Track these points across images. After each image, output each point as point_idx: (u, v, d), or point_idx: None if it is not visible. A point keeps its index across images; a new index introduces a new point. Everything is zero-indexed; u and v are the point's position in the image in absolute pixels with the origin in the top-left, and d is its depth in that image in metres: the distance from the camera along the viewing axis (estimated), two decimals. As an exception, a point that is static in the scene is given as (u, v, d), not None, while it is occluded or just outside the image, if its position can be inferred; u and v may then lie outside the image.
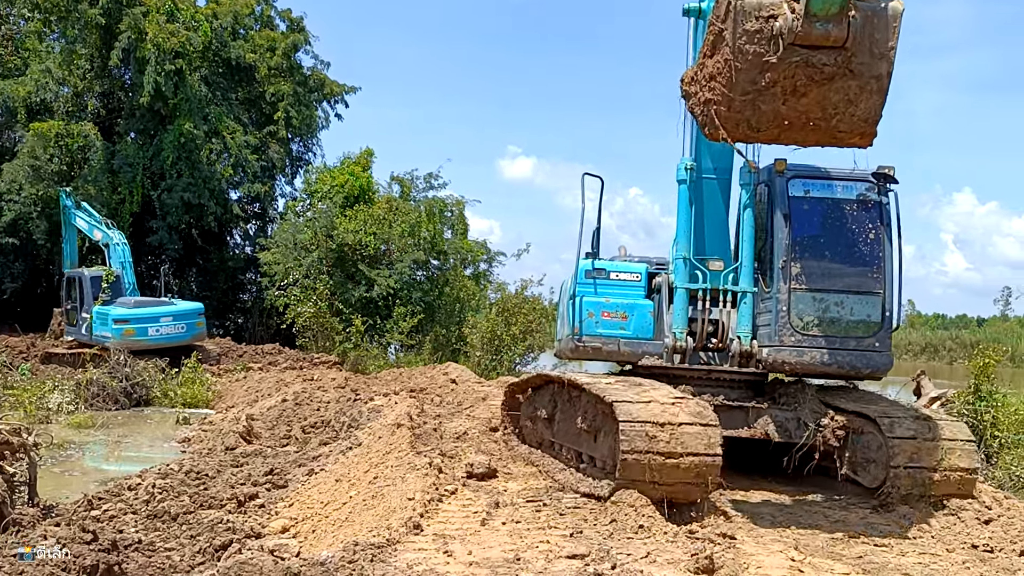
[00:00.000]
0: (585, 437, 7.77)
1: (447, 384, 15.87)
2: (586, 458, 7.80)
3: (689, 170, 8.65)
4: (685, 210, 8.66)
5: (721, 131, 6.15)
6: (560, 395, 8.65)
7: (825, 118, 6.00)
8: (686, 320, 8.57)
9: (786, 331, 8.02)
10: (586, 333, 8.89)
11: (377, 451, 8.80)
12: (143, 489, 9.15)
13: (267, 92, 30.28)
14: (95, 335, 20.96)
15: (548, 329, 23.35)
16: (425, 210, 26.49)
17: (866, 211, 8.24)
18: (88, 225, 23.90)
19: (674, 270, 8.81)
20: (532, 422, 9.40)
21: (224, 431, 12.94)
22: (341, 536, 7.13)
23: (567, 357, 10.25)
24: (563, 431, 8.48)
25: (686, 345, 8.50)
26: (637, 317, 8.92)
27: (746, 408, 8.17)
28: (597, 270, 9.11)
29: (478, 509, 6.94)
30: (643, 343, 8.82)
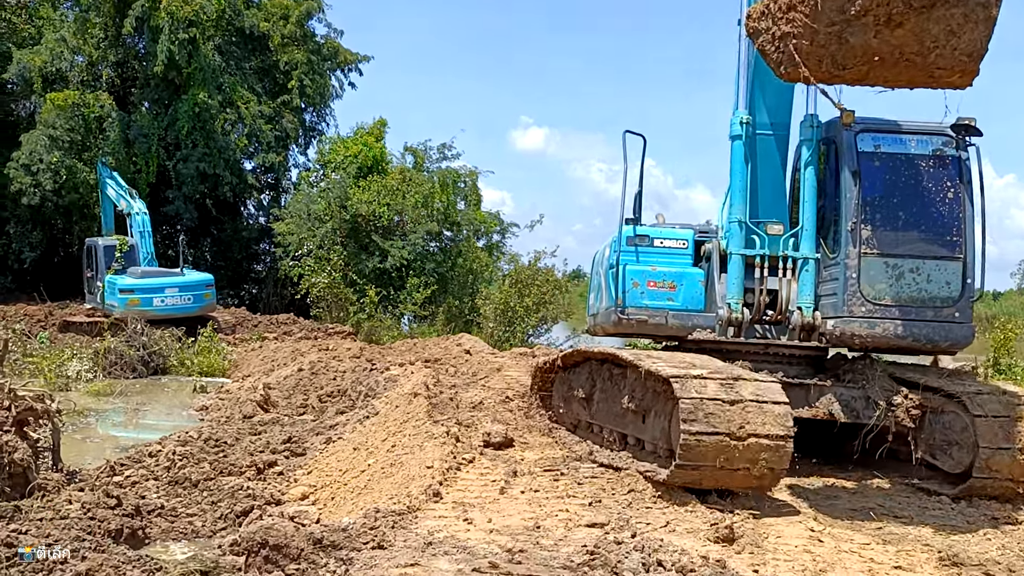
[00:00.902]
0: (632, 418, 7.31)
1: (461, 355, 15.92)
2: (632, 440, 7.39)
3: (745, 124, 7.85)
4: (740, 169, 7.86)
5: (801, 69, 5.50)
6: (600, 372, 8.17)
7: (922, 53, 5.31)
8: (742, 289, 7.81)
9: (855, 301, 7.33)
10: (630, 305, 8.16)
11: (394, 420, 8.86)
12: (164, 456, 9.26)
13: (280, 61, 30.18)
14: (106, 303, 21.19)
15: (562, 300, 23.38)
16: (439, 181, 26.43)
17: (944, 168, 7.53)
18: (116, 195, 24.14)
19: (727, 235, 8.04)
20: (566, 402, 9.00)
21: (241, 400, 13.03)
22: (360, 503, 7.21)
23: (608, 332, 9.32)
24: (604, 412, 8.00)
25: (742, 317, 7.76)
26: (686, 287, 8.22)
27: (807, 386, 7.45)
28: (640, 236, 8.37)
29: (496, 478, 7.00)
30: (693, 315, 8.13)
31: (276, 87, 30.78)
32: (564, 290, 23.64)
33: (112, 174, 24.63)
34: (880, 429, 7.16)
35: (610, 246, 8.69)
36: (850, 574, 4.82)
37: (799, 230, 7.82)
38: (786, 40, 5.48)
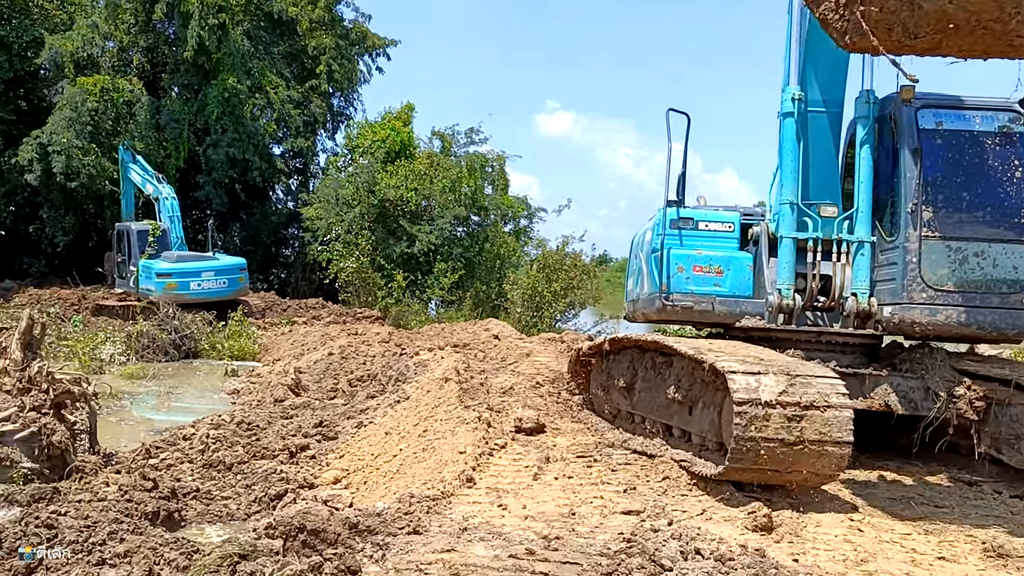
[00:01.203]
0: (677, 409, 7.05)
1: (490, 340, 15.92)
2: (678, 432, 7.13)
3: (797, 101, 7.52)
4: (792, 148, 7.54)
5: (870, 39, 5.10)
6: (642, 361, 7.89)
7: (1001, 19, 4.91)
8: (793, 274, 7.48)
9: (915, 287, 6.94)
10: (675, 290, 7.82)
11: (426, 405, 8.86)
12: (198, 439, 9.33)
13: (309, 46, 30.23)
14: (141, 288, 21.36)
15: (590, 286, 23.30)
16: (466, 165, 26.39)
17: (1011, 145, 7.12)
18: (141, 179, 24.24)
19: (777, 217, 7.70)
20: (605, 391, 8.79)
21: (272, 384, 13.13)
22: (393, 488, 7.23)
23: (650, 319, 8.95)
24: (646, 402, 7.77)
25: (793, 304, 7.40)
26: (734, 271, 7.89)
27: (862, 376, 7.06)
28: (684, 219, 8.03)
29: (529, 464, 6.98)
30: (741, 301, 7.81)
31: (304, 72, 30.84)
32: (592, 275, 23.55)
33: (137, 158, 24.73)
34: (940, 422, 6.81)
35: (652, 229, 8.36)
36: (892, 564, 4.75)
37: (854, 212, 7.46)
38: (852, 7, 5.11)
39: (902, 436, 7.50)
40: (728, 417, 5.81)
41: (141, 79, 27.94)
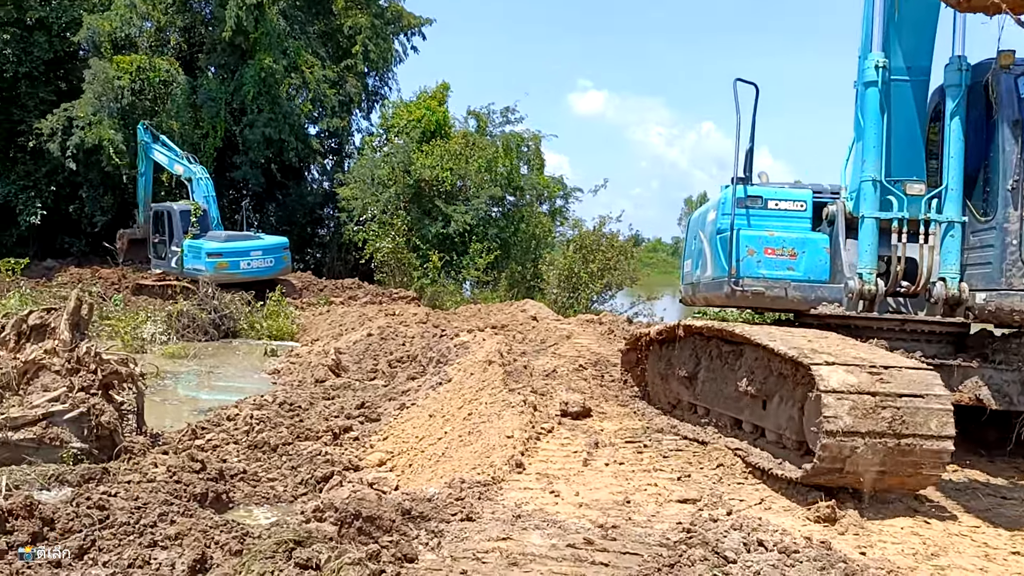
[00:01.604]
0: (748, 403, 6.62)
1: (528, 321, 15.82)
2: (749, 427, 6.71)
3: (880, 69, 6.89)
4: (875, 120, 6.91)
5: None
6: (705, 349, 7.47)
7: None
8: (876, 258, 6.90)
9: (1016, 271, 6.35)
10: (746, 275, 7.22)
11: (469, 387, 8.78)
12: (242, 419, 9.35)
13: (344, 25, 30.13)
14: (186, 268, 21.44)
15: (627, 267, 23.08)
16: (502, 145, 26.19)
17: None
18: (168, 159, 24.15)
19: (857, 195, 7.13)
20: (663, 380, 8.41)
21: (313, 364, 13.14)
22: (439, 471, 7.16)
23: (713, 304, 8.57)
24: (711, 393, 7.34)
25: (875, 289, 6.84)
26: (809, 254, 7.31)
27: (949, 367, 6.47)
28: (751, 198, 7.44)
29: (577, 448, 6.87)
30: (817, 286, 7.23)
31: (340, 51, 30.76)
32: (629, 256, 23.31)
33: (161, 138, 24.59)
34: None
35: (716, 208, 7.81)
36: (965, 559, 4.58)
37: (942, 190, 6.87)
38: None
39: (989, 432, 7.00)
40: (813, 414, 5.41)
41: (178, 59, 28.01)
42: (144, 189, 25.32)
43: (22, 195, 27.15)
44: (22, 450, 7.02)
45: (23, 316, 7.50)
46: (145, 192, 25.28)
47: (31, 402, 7.17)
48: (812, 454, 5.44)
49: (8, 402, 7.17)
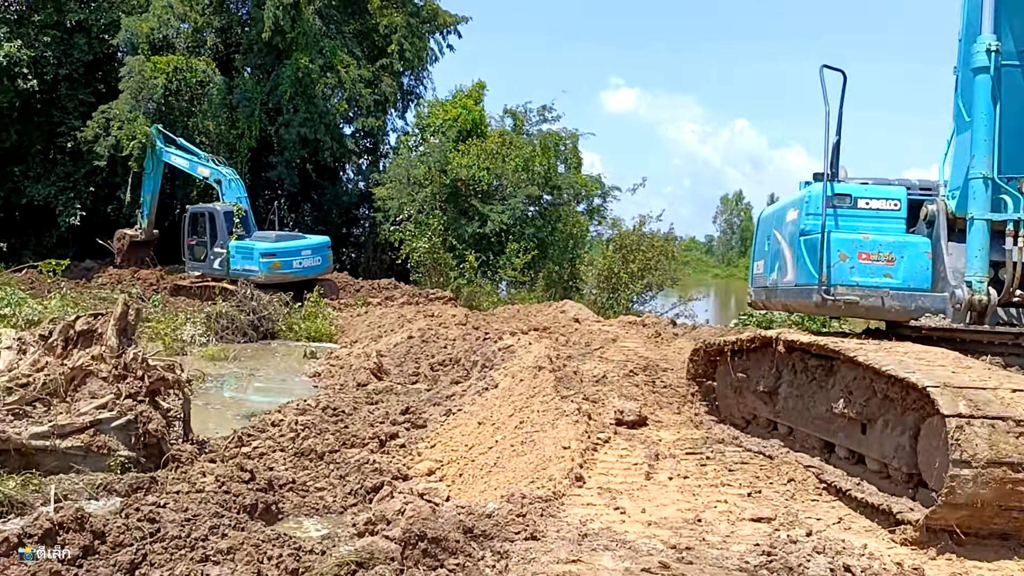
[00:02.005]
0: (843, 425, 6.01)
1: (570, 323, 15.58)
2: (845, 453, 6.09)
3: (992, 53, 6.21)
4: (987, 111, 6.25)
5: None
6: (787, 362, 6.93)
7: None
8: (987, 264, 6.22)
9: None
10: (839, 282, 6.46)
11: (519, 394, 8.56)
12: (286, 425, 9.20)
13: (379, 24, 30.04)
14: (233, 269, 21.22)
15: (668, 267, 22.73)
16: (539, 144, 25.94)
17: None
18: (189, 163, 23.64)
19: (963, 194, 6.48)
20: (736, 393, 7.86)
21: (355, 367, 12.99)
22: (492, 482, 6.95)
23: (791, 309, 7.86)
24: (796, 411, 6.73)
25: (987, 299, 6.14)
26: (908, 259, 6.55)
27: None
28: (840, 196, 6.71)
29: (637, 461, 6.63)
30: (918, 295, 6.49)
31: (375, 51, 30.67)
32: (670, 256, 22.95)
33: (179, 141, 24.12)
34: None
35: (797, 207, 7.13)
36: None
37: None
38: None
39: None
40: (933, 443, 4.86)
41: (214, 60, 28.09)
42: (151, 191, 24.70)
43: (62, 196, 27.41)
44: (70, 458, 6.92)
45: (70, 322, 7.40)
46: (152, 194, 24.71)
47: (79, 409, 7.06)
48: (926, 487, 4.97)
49: (56, 409, 7.07)
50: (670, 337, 13.19)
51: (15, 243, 27.74)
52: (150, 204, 24.98)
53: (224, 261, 21.45)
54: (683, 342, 12.78)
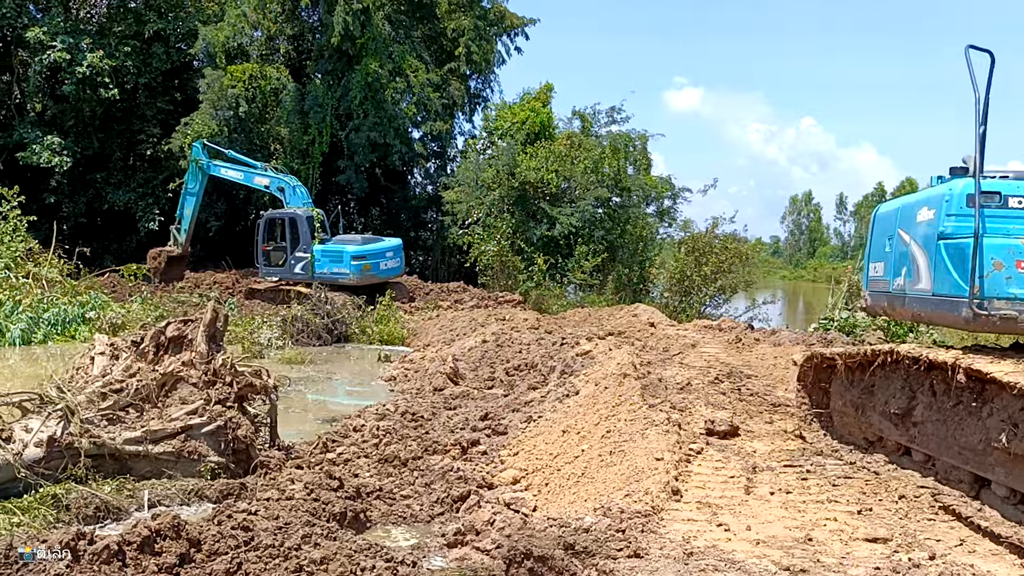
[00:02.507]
0: (1001, 460, 5.22)
1: (645, 328, 15.31)
2: (1004, 492, 5.27)
3: None
4: None
5: None
6: (923, 381, 6.20)
7: None
8: None
9: None
10: (995, 295, 5.58)
11: (604, 402, 8.37)
12: (368, 431, 9.18)
13: (447, 28, 30.14)
14: (318, 273, 21.33)
15: (742, 270, 22.26)
16: (609, 145, 25.67)
17: None
18: (244, 175, 23.40)
19: None
20: (859, 411, 7.11)
21: (430, 372, 12.96)
22: (581, 493, 6.79)
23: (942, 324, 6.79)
24: (937, 438, 5.97)
25: None
26: None
27: None
28: (987, 194, 5.78)
29: (734, 474, 6.39)
30: None
31: (443, 55, 30.79)
32: (745, 258, 22.45)
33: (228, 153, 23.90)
34: None
35: (934, 206, 6.21)
36: None
37: None
38: None
39: None
40: None
41: (286, 67, 28.54)
42: (193, 207, 24.16)
43: (141, 202, 28.15)
44: (162, 463, 6.98)
45: (162, 328, 7.48)
46: (193, 211, 24.20)
47: (170, 415, 7.13)
48: None
49: (148, 414, 7.14)
50: (751, 342, 12.83)
51: (97, 248, 28.59)
52: (190, 221, 24.45)
53: (308, 265, 21.53)
54: (764, 348, 12.43)
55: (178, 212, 24.62)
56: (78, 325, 16.91)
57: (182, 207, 24.45)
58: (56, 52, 25.44)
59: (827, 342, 13.13)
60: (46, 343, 16.11)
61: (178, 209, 24.64)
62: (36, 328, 16.24)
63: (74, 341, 16.43)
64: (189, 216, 24.31)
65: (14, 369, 14.44)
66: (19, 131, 26.79)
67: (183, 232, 24.51)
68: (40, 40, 25.53)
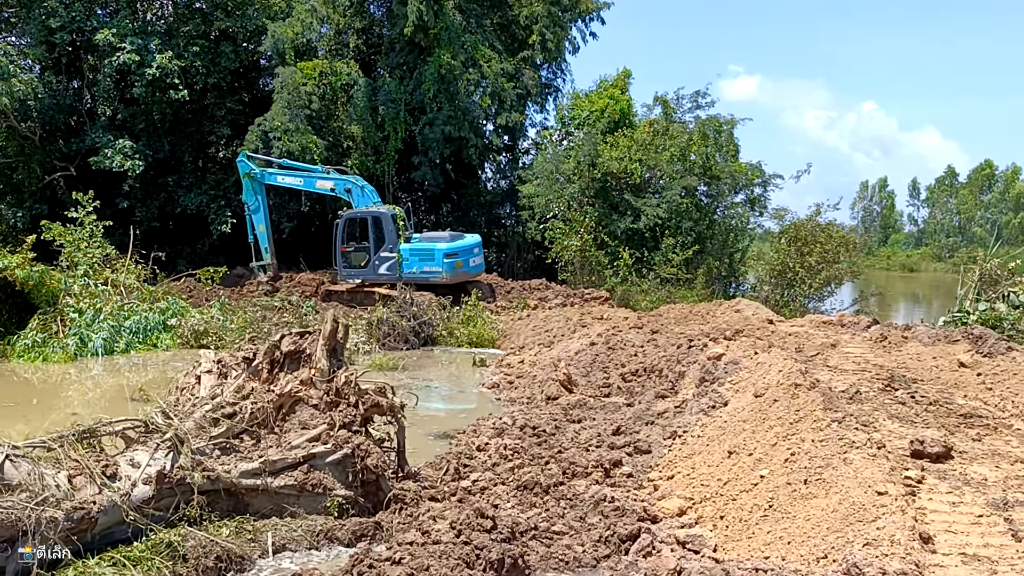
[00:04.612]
0: None
1: (764, 325, 14.02)
2: None
3: None
4: None
5: None
6: None
7: None
8: None
9: None
10: None
11: (778, 418, 7.20)
12: (494, 450, 8.19)
13: (520, 15, 29.01)
14: (406, 272, 20.48)
15: (848, 260, 20.73)
16: (697, 131, 24.32)
17: None
18: (303, 180, 22.56)
19: None
20: None
21: (540, 379, 11.93)
22: (776, 531, 5.66)
23: None
24: None
25: None
26: None
27: None
28: None
29: (981, 512, 5.19)
30: None
31: (515, 43, 29.68)
32: (851, 247, 20.90)
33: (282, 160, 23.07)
34: None
35: None
36: None
37: None
38: None
39: None
40: None
41: (356, 62, 27.76)
42: (264, 222, 23.14)
43: (213, 205, 27.64)
44: (282, 498, 6.05)
45: (276, 342, 6.55)
46: (266, 225, 23.19)
47: (290, 442, 6.19)
48: None
49: (265, 441, 6.22)
50: (898, 340, 11.48)
51: (170, 252, 28.18)
52: (267, 236, 23.39)
53: (395, 265, 20.60)
54: (915, 347, 11.08)
55: (250, 236, 23.58)
56: (159, 333, 16.29)
57: (252, 228, 23.47)
58: (125, 54, 25.02)
59: (976, 338, 11.73)
60: (128, 352, 15.50)
61: (248, 233, 23.66)
62: (118, 337, 15.63)
63: (156, 350, 15.80)
64: (265, 233, 23.33)
65: (97, 380, 13.83)
66: (91, 136, 26.48)
67: (265, 252, 23.47)
68: (109, 42, 25.14)
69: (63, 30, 25.67)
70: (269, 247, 23.67)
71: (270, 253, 23.70)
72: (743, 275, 24.75)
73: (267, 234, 23.50)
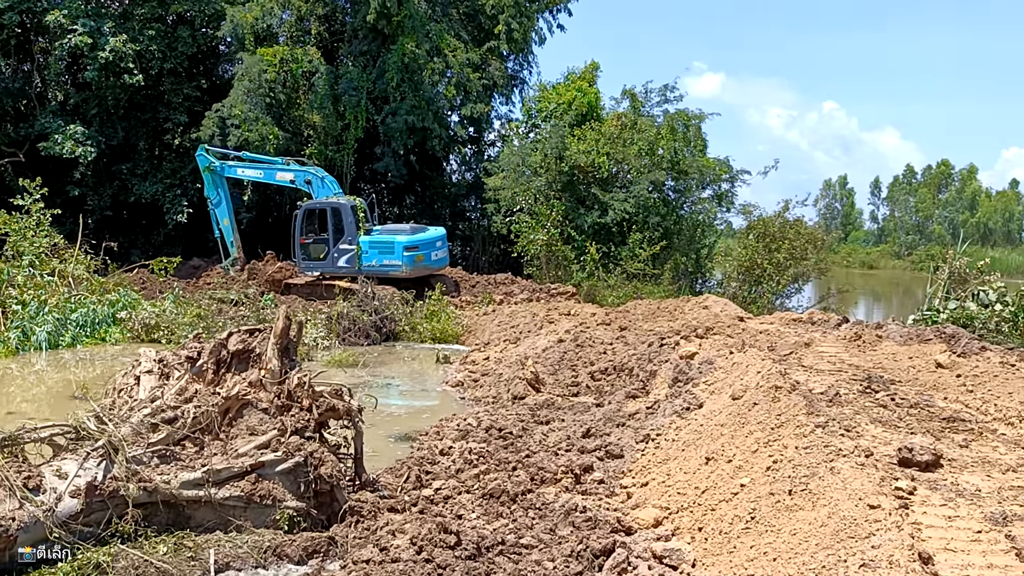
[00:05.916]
0: None
1: (734, 323, 13.76)
2: None
3: None
4: None
5: None
6: None
7: None
8: None
9: None
10: None
11: (758, 422, 6.84)
12: (458, 455, 7.77)
13: (486, 5, 28.48)
14: (366, 265, 19.91)
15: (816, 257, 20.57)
16: (666, 125, 24.03)
17: None
18: (265, 172, 22.06)
19: None
20: None
21: (506, 377, 11.51)
22: (760, 546, 5.29)
23: None
24: None
25: None
26: None
27: None
28: None
29: (979, 526, 4.86)
30: None
31: (481, 33, 29.14)
32: (819, 244, 20.74)
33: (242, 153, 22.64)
34: None
35: None
36: None
37: None
38: None
39: None
40: None
41: (319, 49, 27.05)
42: (228, 216, 22.84)
43: (168, 194, 26.78)
44: (227, 511, 5.55)
45: (223, 340, 6.04)
46: (230, 219, 22.88)
47: (236, 449, 5.69)
48: None
49: (209, 448, 5.71)
50: (872, 339, 11.23)
51: (123, 242, 27.25)
52: (232, 229, 23.02)
53: (354, 258, 20.00)
54: (890, 346, 10.83)
55: (215, 231, 23.23)
56: (108, 326, 15.57)
57: (216, 222, 23.10)
58: (77, 36, 24.09)
59: (949, 337, 11.53)
60: (74, 346, 14.78)
61: (214, 227, 23.27)
62: (63, 330, 14.90)
63: (104, 344, 15.11)
64: (230, 227, 22.89)
65: (41, 376, 13.13)
66: (40, 121, 25.49)
67: (231, 245, 23.08)
68: (60, 24, 24.19)
69: (11, 10, 24.68)
70: (235, 240, 23.16)
71: (236, 247, 23.19)
72: (710, 271, 24.53)
73: (232, 227, 22.98)
